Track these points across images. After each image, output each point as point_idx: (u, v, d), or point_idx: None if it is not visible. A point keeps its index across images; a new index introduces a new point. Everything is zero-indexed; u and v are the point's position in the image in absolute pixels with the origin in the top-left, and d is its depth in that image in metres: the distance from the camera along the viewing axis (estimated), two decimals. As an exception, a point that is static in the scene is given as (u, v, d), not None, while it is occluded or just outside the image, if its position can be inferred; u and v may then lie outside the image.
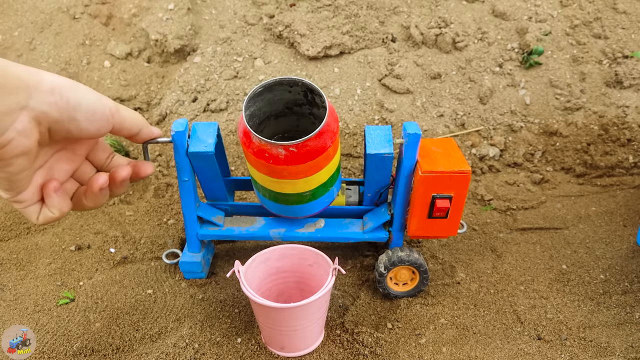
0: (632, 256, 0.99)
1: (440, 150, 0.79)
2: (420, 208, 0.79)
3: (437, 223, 0.80)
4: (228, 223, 0.89)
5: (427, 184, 0.75)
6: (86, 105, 0.49)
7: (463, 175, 0.74)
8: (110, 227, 1.06)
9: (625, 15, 1.29)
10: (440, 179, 0.75)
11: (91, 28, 1.38)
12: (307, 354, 0.82)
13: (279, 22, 1.31)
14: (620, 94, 1.21)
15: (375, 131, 0.79)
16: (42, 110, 0.46)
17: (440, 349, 0.83)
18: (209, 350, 0.83)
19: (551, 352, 0.82)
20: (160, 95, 1.31)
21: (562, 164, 1.18)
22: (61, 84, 0.48)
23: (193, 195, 0.82)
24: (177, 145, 0.76)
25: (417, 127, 0.75)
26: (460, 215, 0.80)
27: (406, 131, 0.74)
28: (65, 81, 0.48)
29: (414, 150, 0.75)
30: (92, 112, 0.50)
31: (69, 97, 0.48)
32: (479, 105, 1.23)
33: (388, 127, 0.81)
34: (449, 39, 1.27)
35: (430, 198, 0.77)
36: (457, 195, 0.77)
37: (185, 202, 0.83)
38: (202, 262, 0.90)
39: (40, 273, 0.96)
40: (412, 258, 0.84)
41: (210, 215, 0.87)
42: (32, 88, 0.45)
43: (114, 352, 0.83)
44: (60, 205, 0.52)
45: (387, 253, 0.86)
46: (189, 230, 0.87)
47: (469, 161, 1.17)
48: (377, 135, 0.78)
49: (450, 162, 0.76)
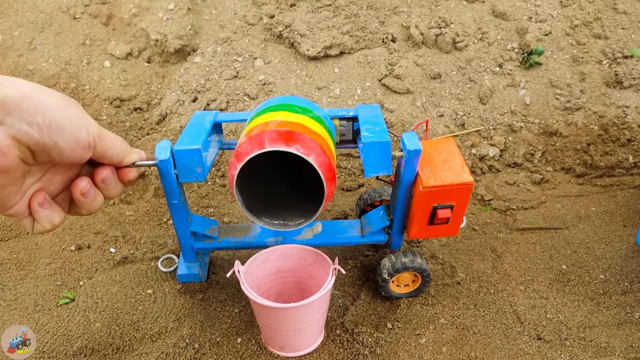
0: (632, 256, 0.99)
1: (440, 156, 0.76)
2: (421, 217, 0.77)
3: (438, 227, 0.79)
4: (223, 234, 0.86)
5: (428, 198, 0.73)
6: (70, 131, 0.47)
7: (465, 187, 0.72)
8: (110, 227, 1.06)
9: (625, 15, 1.29)
10: (442, 192, 0.73)
11: (91, 28, 1.38)
12: (307, 354, 0.82)
13: (279, 22, 1.31)
14: (620, 94, 1.21)
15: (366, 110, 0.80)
16: (21, 128, 0.43)
17: (440, 349, 0.83)
18: (209, 350, 0.83)
19: (551, 352, 0.82)
20: (161, 95, 1.31)
21: (562, 164, 1.18)
22: (46, 104, 0.45)
23: (184, 213, 0.78)
24: (162, 172, 0.70)
25: (416, 140, 0.71)
26: (462, 218, 0.79)
27: (406, 148, 0.70)
28: (51, 100, 0.46)
29: (414, 164, 0.72)
30: (75, 139, 0.48)
31: (52, 120, 0.45)
32: (479, 105, 1.23)
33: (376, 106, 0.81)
34: (449, 39, 1.27)
35: (431, 208, 0.75)
36: (458, 203, 0.75)
37: (177, 222, 0.79)
38: (199, 272, 0.90)
39: (40, 273, 0.96)
40: (416, 264, 0.84)
41: (204, 228, 0.84)
42: (12, 104, 0.43)
43: (114, 352, 0.83)
44: (49, 218, 0.51)
45: (390, 258, 0.85)
46: (184, 245, 0.85)
47: (469, 161, 1.17)
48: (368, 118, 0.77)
49: (451, 172, 0.73)
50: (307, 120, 0.69)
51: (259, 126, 0.66)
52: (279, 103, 0.73)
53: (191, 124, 0.78)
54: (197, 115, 0.82)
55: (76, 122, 0.48)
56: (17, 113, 0.43)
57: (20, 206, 0.49)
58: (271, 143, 0.60)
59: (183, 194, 0.77)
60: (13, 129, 0.44)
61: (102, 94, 1.31)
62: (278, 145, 0.60)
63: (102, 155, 0.53)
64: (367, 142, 0.69)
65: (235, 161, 0.64)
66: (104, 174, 0.55)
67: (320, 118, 0.72)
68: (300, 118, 0.68)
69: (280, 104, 0.73)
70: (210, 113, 0.82)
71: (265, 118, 0.69)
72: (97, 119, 1.29)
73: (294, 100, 0.74)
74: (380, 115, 0.79)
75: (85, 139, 0.49)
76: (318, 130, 0.68)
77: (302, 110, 0.71)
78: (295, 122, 0.66)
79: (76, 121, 0.48)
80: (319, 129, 0.69)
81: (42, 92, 0.46)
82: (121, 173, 0.57)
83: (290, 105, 0.72)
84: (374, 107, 0.82)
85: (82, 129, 0.49)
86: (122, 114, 1.30)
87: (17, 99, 0.43)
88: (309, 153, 0.62)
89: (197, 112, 0.83)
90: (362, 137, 0.70)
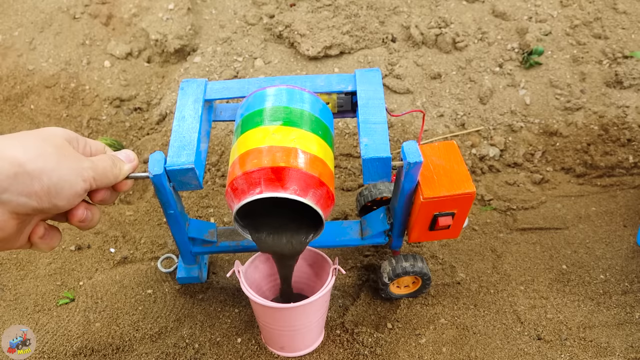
0: (632, 256, 0.99)
1: (442, 163, 0.74)
2: (421, 223, 0.76)
3: (439, 232, 0.78)
4: (222, 237, 0.85)
5: (429, 208, 0.72)
6: (68, 189, 0.47)
7: (467, 196, 0.71)
8: (110, 227, 1.06)
9: (625, 15, 1.29)
10: (443, 202, 0.71)
11: (91, 28, 1.38)
12: (307, 354, 0.82)
13: (279, 22, 1.31)
14: (620, 94, 1.21)
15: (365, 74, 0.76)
16: (19, 202, 0.43)
17: (440, 349, 0.83)
18: (209, 350, 0.83)
19: (551, 352, 0.82)
20: (160, 95, 1.31)
21: (562, 164, 1.18)
22: (42, 170, 0.44)
23: (181, 221, 0.76)
24: (156, 185, 0.68)
25: (417, 151, 0.68)
26: (463, 223, 0.78)
27: (406, 159, 0.67)
28: (45, 163, 0.45)
29: (415, 175, 0.70)
30: (73, 194, 0.48)
31: (49, 186, 0.45)
32: (479, 105, 1.23)
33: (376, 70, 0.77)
34: (449, 39, 1.27)
35: (432, 216, 0.74)
36: (460, 211, 0.73)
37: (175, 229, 0.78)
38: (199, 275, 0.89)
39: (40, 273, 0.96)
40: (417, 268, 0.83)
41: (202, 232, 0.82)
42: (7, 181, 0.42)
43: (114, 352, 0.83)
44: (49, 244, 0.52)
45: (390, 262, 0.84)
46: (182, 249, 0.83)
47: (469, 161, 1.17)
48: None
49: (453, 181, 0.71)
50: (304, 138, 0.65)
51: (252, 154, 0.63)
52: (273, 106, 0.68)
53: (179, 118, 0.73)
54: (183, 97, 0.76)
55: (72, 177, 0.48)
56: (13, 188, 0.43)
57: (20, 243, 0.50)
58: (267, 186, 0.61)
59: (179, 202, 0.75)
60: (11, 205, 0.43)
61: (102, 94, 1.31)
62: (274, 189, 0.61)
63: (98, 187, 0.53)
64: (366, 158, 0.67)
65: (231, 195, 0.64)
66: (101, 196, 0.56)
67: (317, 124, 0.69)
68: (297, 138, 0.65)
69: (275, 107, 0.68)
70: (198, 93, 0.76)
71: (258, 137, 0.65)
72: (97, 119, 1.29)
73: (288, 99, 0.69)
74: (380, 90, 0.74)
75: (82, 188, 0.49)
76: (316, 150, 0.65)
77: (297, 119, 0.67)
78: (291, 147, 0.63)
79: (72, 176, 0.48)
80: (318, 147, 0.66)
81: (37, 156, 0.45)
82: (116, 186, 0.58)
83: (284, 111, 0.68)
84: (373, 76, 0.76)
85: (78, 182, 0.48)
86: (122, 114, 1.30)
87: (13, 174, 0.42)
88: (306, 189, 0.62)
89: (183, 86, 0.77)
90: (361, 146, 0.69)
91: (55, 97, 1.31)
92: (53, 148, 0.47)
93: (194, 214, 1.08)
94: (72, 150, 0.50)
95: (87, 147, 0.56)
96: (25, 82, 1.32)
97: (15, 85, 1.33)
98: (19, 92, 1.32)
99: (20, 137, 0.46)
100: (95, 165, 0.52)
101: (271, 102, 0.69)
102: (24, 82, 1.32)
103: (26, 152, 0.44)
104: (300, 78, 0.79)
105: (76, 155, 0.50)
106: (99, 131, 1.27)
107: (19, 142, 0.45)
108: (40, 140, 0.47)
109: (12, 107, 1.32)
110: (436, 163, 0.74)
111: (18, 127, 1.29)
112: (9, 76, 1.33)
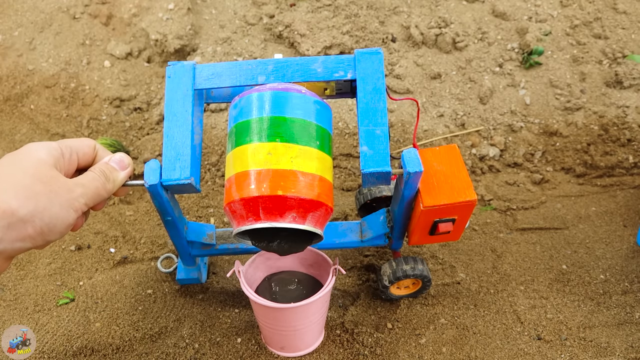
0: (632, 256, 0.99)
1: (442, 169, 0.73)
2: (421, 228, 0.75)
3: (439, 236, 0.78)
4: (221, 239, 0.84)
5: (429, 215, 0.71)
6: (60, 225, 0.47)
7: (468, 204, 0.70)
8: (110, 227, 1.06)
9: (625, 15, 1.29)
10: (444, 209, 0.71)
11: (91, 28, 1.38)
12: (307, 354, 0.82)
13: (279, 22, 1.31)
14: (620, 94, 1.21)
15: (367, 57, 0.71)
16: (14, 247, 0.44)
17: (440, 349, 0.83)
18: (209, 350, 0.83)
19: (551, 352, 0.82)
20: (160, 95, 1.31)
21: (562, 164, 1.18)
22: (34, 213, 0.44)
23: (179, 226, 0.76)
24: (153, 195, 0.67)
25: (417, 160, 0.66)
26: (464, 228, 0.77)
27: (406, 169, 0.66)
28: (37, 203, 0.45)
29: (415, 183, 0.69)
30: (66, 226, 0.48)
31: (42, 226, 0.45)
32: (479, 105, 1.23)
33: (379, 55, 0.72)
34: (449, 39, 1.27)
35: (432, 222, 0.73)
36: (460, 217, 0.73)
37: (173, 234, 0.77)
38: (198, 276, 0.89)
39: (40, 273, 0.96)
40: (417, 271, 0.83)
41: (201, 235, 0.81)
42: (2, 229, 0.42)
43: (114, 352, 0.83)
44: None
45: (390, 265, 0.84)
46: (182, 252, 0.83)
47: (469, 161, 1.17)
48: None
49: (454, 188, 0.70)
50: (302, 155, 0.63)
51: (250, 177, 0.62)
52: (268, 116, 0.64)
53: (169, 116, 0.69)
54: (171, 88, 0.71)
55: (64, 213, 0.47)
56: (7, 237, 0.43)
57: None
58: (266, 215, 0.61)
59: (177, 207, 0.74)
60: (7, 252, 0.44)
61: (102, 94, 1.31)
62: (273, 218, 0.61)
63: (92, 206, 0.54)
64: (366, 172, 0.66)
65: (230, 215, 0.64)
66: (96, 209, 0.57)
67: (315, 132, 0.66)
68: (295, 157, 0.62)
69: (270, 117, 0.64)
70: (187, 82, 0.71)
71: (255, 157, 0.62)
72: (97, 119, 1.29)
73: (282, 106, 0.65)
74: (382, 80, 0.71)
75: (74, 218, 0.49)
76: (315, 167, 0.63)
77: (294, 132, 0.64)
78: (289, 171, 0.61)
79: (63, 211, 0.47)
80: (317, 162, 0.64)
81: (27, 199, 0.44)
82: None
83: (280, 124, 0.64)
84: (375, 62, 0.72)
85: (70, 214, 0.48)
86: (122, 114, 1.30)
87: (6, 225, 0.43)
88: (305, 214, 0.62)
89: (169, 73, 0.72)
90: (361, 155, 0.67)
91: (55, 97, 1.31)
92: (42, 185, 0.46)
93: (193, 214, 1.08)
94: (61, 179, 0.49)
95: (73, 157, 0.53)
96: (25, 82, 1.32)
97: (15, 85, 1.33)
98: (19, 92, 1.32)
99: (9, 177, 0.45)
100: (86, 191, 0.51)
101: (265, 110, 0.65)
102: (24, 82, 1.32)
103: (17, 196, 0.44)
104: (295, 61, 0.73)
105: (66, 185, 0.49)
106: (99, 131, 1.27)
107: (10, 185, 0.44)
108: (29, 178, 0.46)
109: (12, 107, 1.32)
110: (437, 169, 0.73)
111: (18, 127, 1.29)
112: (9, 76, 1.33)
